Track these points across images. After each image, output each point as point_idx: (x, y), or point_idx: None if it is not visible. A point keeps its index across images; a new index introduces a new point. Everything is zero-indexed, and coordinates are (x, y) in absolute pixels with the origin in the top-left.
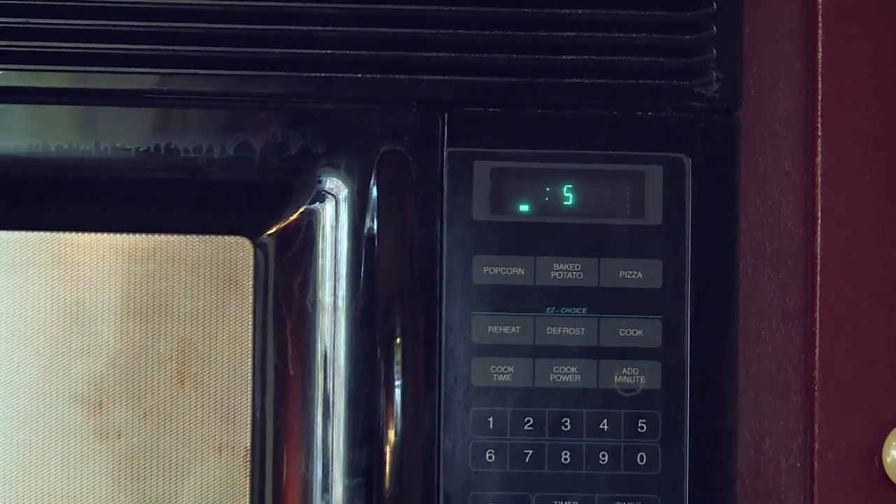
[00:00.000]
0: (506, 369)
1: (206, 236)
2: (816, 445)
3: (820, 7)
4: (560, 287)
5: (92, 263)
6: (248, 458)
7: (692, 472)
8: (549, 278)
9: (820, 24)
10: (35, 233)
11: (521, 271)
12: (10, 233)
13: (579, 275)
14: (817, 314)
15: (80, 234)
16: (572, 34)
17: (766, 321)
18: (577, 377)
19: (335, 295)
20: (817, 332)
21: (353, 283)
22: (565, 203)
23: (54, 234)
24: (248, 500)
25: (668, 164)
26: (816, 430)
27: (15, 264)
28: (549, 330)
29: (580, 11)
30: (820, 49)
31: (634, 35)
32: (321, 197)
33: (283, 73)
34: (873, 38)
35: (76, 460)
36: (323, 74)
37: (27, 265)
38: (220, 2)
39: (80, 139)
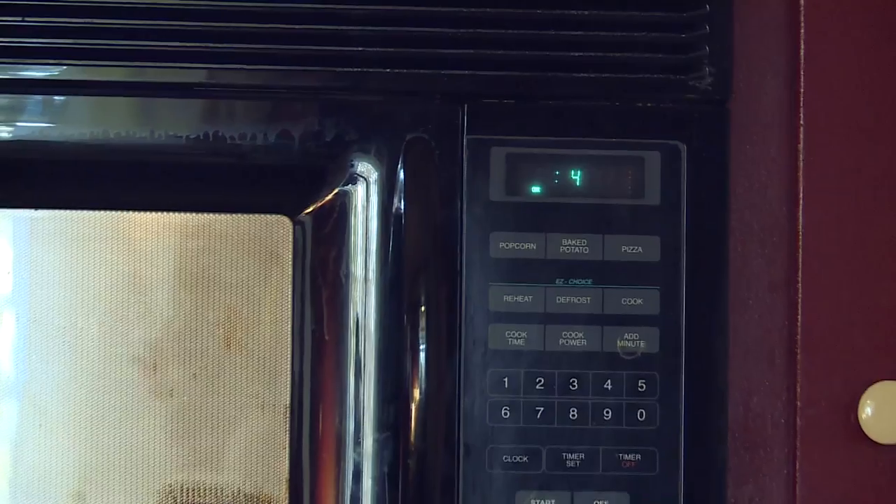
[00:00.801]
0: (519, 334)
1: (250, 215)
2: (799, 403)
3: (802, 8)
4: (568, 261)
5: (148, 239)
6: (287, 415)
7: (687, 427)
8: (559, 253)
9: (802, 24)
10: (98, 212)
11: (533, 246)
12: (75, 212)
13: (585, 249)
14: (800, 285)
15: (137, 212)
16: (579, 33)
17: (754, 291)
18: (584, 342)
19: (366, 267)
20: (800, 301)
21: (382, 257)
22: (573, 185)
23: (114, 212)
24: (287, 452)
25: (666, 150)
26: (799, 390)
27: (79, 240)
28: (559, 299)
29: (586, 12)
30: (802, 46)
31: (635, 34)
32: (353, 179)
33: (319, 68)
34: (852, 36)
35: (134, 416)
36: (355, 69)
37: (91, 241)
38: (264, 4)
39: (137, 127)
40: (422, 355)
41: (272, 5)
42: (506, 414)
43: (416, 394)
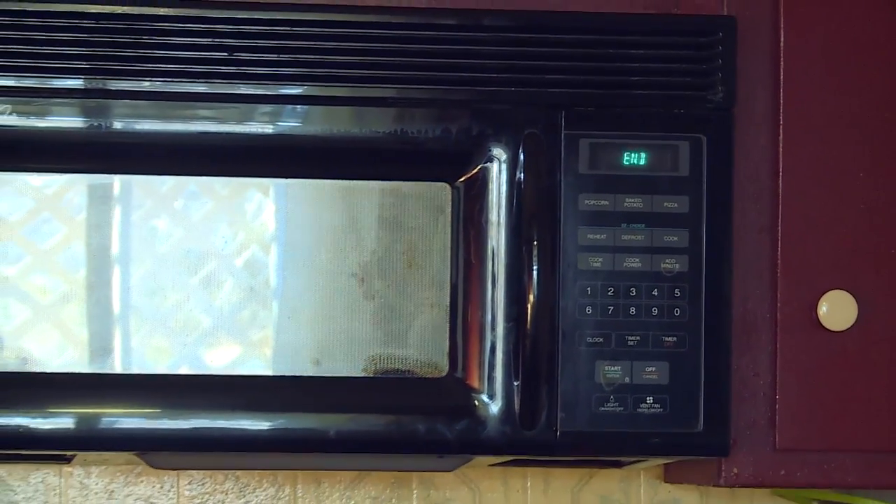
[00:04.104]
0: (597, 259)
1: (424, 182)
2: (778, 304)
3: (782, 46)
4: (629, 211)
5: (358, 197)
6: (448, 311)
7: (706, 320)
8: (623, 206)
9: (782, 56)
10: (327, 180)
11: (606, 202)
12: (312, 180)
13: (640, 204)
14: (779, 228)
15: (350, 181)
16: (637, 65)
17: (749, 231)
18: (640, 264)
19: (499, 216)
20: (779, 239)
21: (509, 210)
22: (633, 163)
23: (336, 180)
24: (447, 335)
25: (693, 140)
26: (778, 295)
27: (314, 198)
28: (623, 237)
29: (641, 51)
30: (782, 71)
31: (673, 65)
32: (490, 159)
33: (469, 87)
34: (818, 64)
35: (350, 312)
36: (492, 88)
37: (320, 200)
38: (434, 46)
39: (351, 126)
40: (534, 273)
41: (439, 47)
42: (588, 311)
43: (531, 297)
